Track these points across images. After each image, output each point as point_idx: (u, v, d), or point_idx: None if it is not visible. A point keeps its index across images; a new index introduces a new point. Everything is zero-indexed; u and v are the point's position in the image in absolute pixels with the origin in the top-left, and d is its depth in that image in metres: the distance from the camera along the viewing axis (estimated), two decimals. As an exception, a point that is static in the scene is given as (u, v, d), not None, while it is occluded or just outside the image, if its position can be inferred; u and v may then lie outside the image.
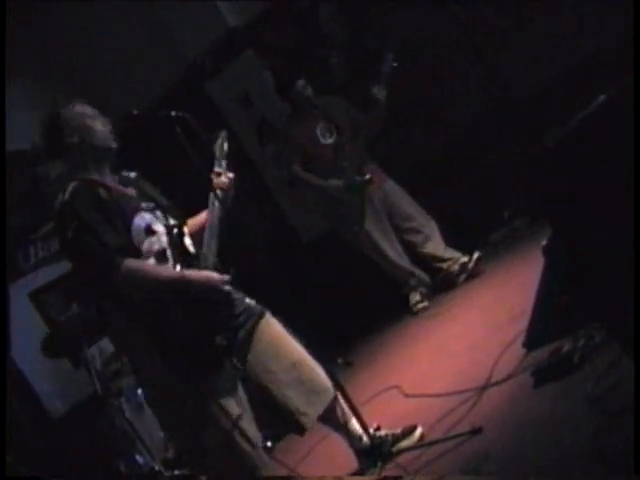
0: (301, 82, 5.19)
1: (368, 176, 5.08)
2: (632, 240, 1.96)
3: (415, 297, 5.17)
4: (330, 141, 5.20)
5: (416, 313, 5.12)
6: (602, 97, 2.06)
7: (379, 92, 4.95)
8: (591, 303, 2.30)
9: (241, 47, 5.78)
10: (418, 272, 5.22)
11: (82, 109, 2.95)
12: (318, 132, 5.20)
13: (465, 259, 5.06)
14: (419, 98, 4.98)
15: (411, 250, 5.23)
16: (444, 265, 5.13)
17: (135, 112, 2.97)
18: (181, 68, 5.94)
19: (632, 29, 2.83)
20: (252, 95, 5.85)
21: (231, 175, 3.08)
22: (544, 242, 2.79)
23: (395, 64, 4.95)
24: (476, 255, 5.03)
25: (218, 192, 3.00)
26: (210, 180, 3.03)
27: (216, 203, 2.99)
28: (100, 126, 2.93)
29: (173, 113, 2.94)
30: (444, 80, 5.29)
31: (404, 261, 5.21)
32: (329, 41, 5.67)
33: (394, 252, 5.17)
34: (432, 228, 5.20)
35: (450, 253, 5.14)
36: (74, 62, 5.93)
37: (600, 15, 4.64)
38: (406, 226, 5.21)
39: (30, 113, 5.65)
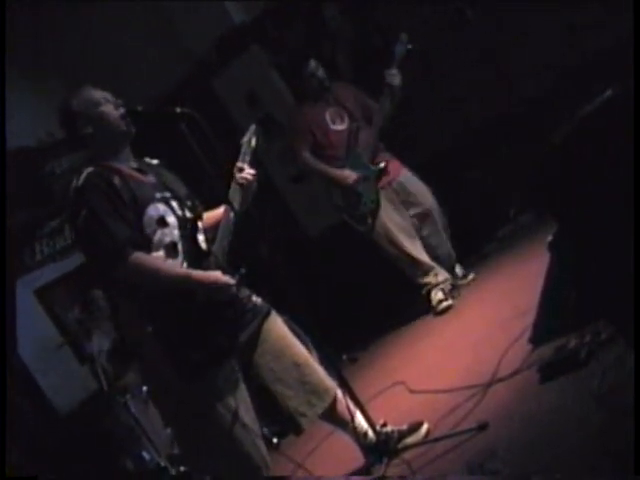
0: (313, 63, 4.92)
1: (382, 165, 4.83)
2: (638, 236, 1.96)
3: (438, 295, 4.78)
4: (341, 127, 4.92)
5: (440, 313, 4.73)
6: (608, 92, 2.06)
7: (393, 78, 4.71)
8: (597, 298, 2.30)
9: (247, 43, 5.78)
10: (438, 267, 4.87)
11: (92, 96, 2.92)
12: (327, 117, 4.91)
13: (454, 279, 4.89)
14: (424, 96, 4.93)
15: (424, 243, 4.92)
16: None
17: (140, 109, 2.95)
18: (186, 65, 5.94)
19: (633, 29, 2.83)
20: (258, 91, 5.85)
21: (253, 172, 3.05)
22: (549, 238, 2.80)
23: (410, 46, 4.70)
24: (471, 276, 4.89)
25: (239, 188, 2.99)
26: (232, 174, 3.01)
27: (235, 201, 2.96)
28: (113, 111, 2.89)
29: (178, 110, 2.93)
30: (450, 78, 5.27)
31: (423, 255, 4.86)
32: (334, 37, 5.64)
33: (412, 246, 4.84)
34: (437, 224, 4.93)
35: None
36: (78, 59, 5.93)
37: (604, 15, 4.63)
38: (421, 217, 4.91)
39: (33, 111, 5.67)
